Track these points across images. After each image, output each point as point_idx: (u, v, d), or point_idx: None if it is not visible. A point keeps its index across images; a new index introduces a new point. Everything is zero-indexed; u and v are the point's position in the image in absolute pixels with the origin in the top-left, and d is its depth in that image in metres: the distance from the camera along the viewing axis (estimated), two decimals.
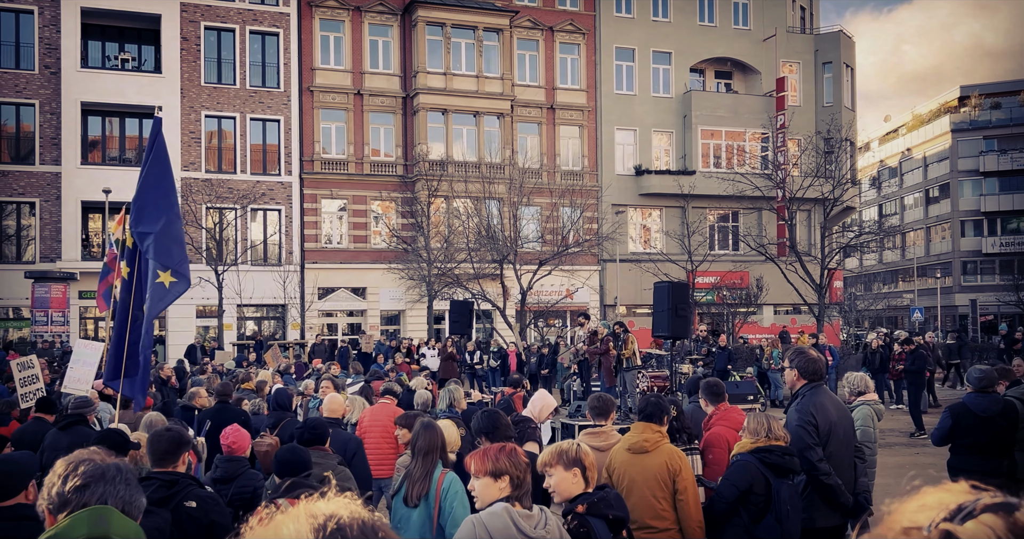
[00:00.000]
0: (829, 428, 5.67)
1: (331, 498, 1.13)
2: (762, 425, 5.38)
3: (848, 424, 5.95)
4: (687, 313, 15.00)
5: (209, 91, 32.18)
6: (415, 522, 4.95)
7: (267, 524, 1.10)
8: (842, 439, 5.77)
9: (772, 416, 5.48)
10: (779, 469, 5.20)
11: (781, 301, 35.27)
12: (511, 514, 3.59)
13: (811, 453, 5.55)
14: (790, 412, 5.87)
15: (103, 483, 2.49)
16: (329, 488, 1.26)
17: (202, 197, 30.71)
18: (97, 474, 2.54)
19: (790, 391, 6.11)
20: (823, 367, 5.94)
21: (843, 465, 5.75)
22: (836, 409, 5.85)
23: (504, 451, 3.79)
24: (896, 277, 66.08)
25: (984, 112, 59.36)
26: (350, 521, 1.07)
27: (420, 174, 33.11)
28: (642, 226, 38.38)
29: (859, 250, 31.53)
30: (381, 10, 34.26)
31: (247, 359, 22.09)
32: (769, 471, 5.20)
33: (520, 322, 28.36)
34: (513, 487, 3.70)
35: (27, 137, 30.58)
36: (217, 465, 6.02)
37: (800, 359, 5.89)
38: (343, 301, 33.73)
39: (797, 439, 5.62)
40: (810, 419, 5.61)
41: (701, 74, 40.26)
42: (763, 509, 5.18)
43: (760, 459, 5.25)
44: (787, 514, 5.11)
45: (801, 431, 5.60)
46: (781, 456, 5.23)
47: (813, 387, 5.80)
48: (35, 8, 30.37)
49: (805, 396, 5.77)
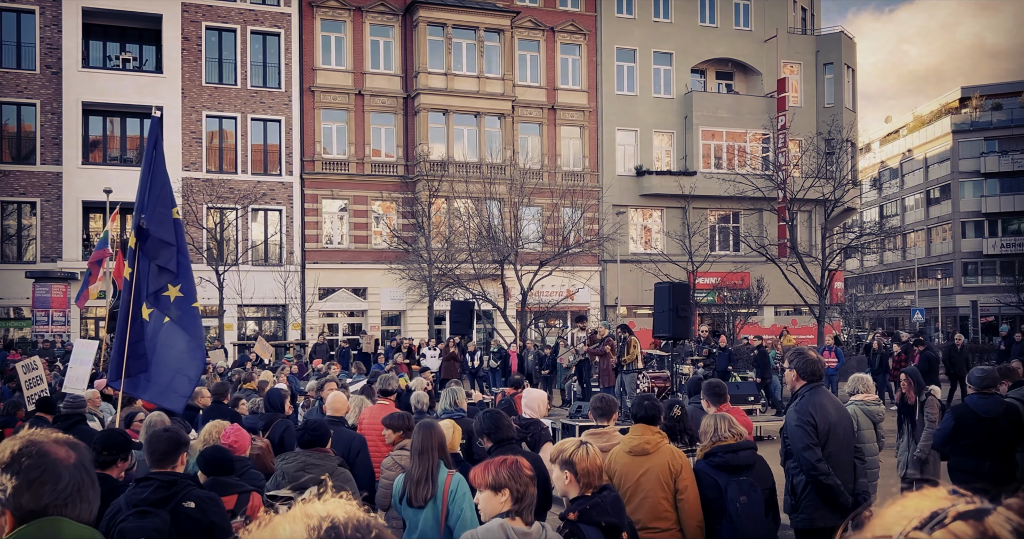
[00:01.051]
0: (828, 428, 5.67)
1: (327, 499, 1.14)
2: (709, 427, 5.41)
3: (848, 425, 5.96)
4: (688, 314, 15.01)
5: (210, 91, 32.19)
6: (422, 523, 4.93)
7: (264, 527, 1.12)
8: (841, 439, 5.78)
9: (724, 416, 5.49)
10: (728, 468, 5.23)
11: (782, 302, 35.27)
12: (506, 532, 3.55)
13: (810, 453, 5.56)
14: (789, 412, 5.89)
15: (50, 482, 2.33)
16: (326, 489, 1.26)
17: (203, 197, 30.72)
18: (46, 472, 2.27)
19: (790, 392, 6.12)
20: (822, 368, 5.96)
21: (842, 466, 5.76)
22: (835, 409, 5.86)
23: (505, 464, 3.71)
24: (897, 278, 66.07)
25: (985, 113, 59.38)
26: (345, 521, 1.08)
27: (421, 174, 33.12)
28: (643, 227, 38.38)
29: (860, 251, 31.51)
30: (382, 10, 34.28)
31: (249, 359, 22.06)
32: (719, 472, 5.23)
33: (521, 322, 28.36)
34: (514, 501, 3.62)
35: (28, 137, 30.60)
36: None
37: (799, 360, 5.91)
38: (344, 301, 33.74)
39: (796, 439, 5.63)
40: (809, 419, 5.62)
41: (702, 75, 40.27)
42: (720, 510, 5.20)
43: (708, 462, 5.31)
44: (738, 512, 5.11)
45: (800, 431, 5.62)
46: (723, 455, 5.25)
47: (812, 388, 5.81)
48: (36, 8, 30.39)
49: (804, 396, 5.79)
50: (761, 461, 5.42)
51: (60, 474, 2.29)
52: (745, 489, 5.15)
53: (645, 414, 5.49)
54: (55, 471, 2.29)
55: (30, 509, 2.24)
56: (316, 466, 5.55)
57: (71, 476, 2.30)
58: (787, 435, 5.85)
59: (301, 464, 5.59)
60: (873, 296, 50.54)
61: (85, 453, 2.40)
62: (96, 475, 2.41)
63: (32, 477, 2.26)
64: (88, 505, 2.34)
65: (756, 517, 5.12)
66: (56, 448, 2.33)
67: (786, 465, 5.91)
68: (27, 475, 2.26)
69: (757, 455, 5.41)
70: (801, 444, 5.59)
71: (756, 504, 5.14)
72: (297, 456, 5.72)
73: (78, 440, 2.47)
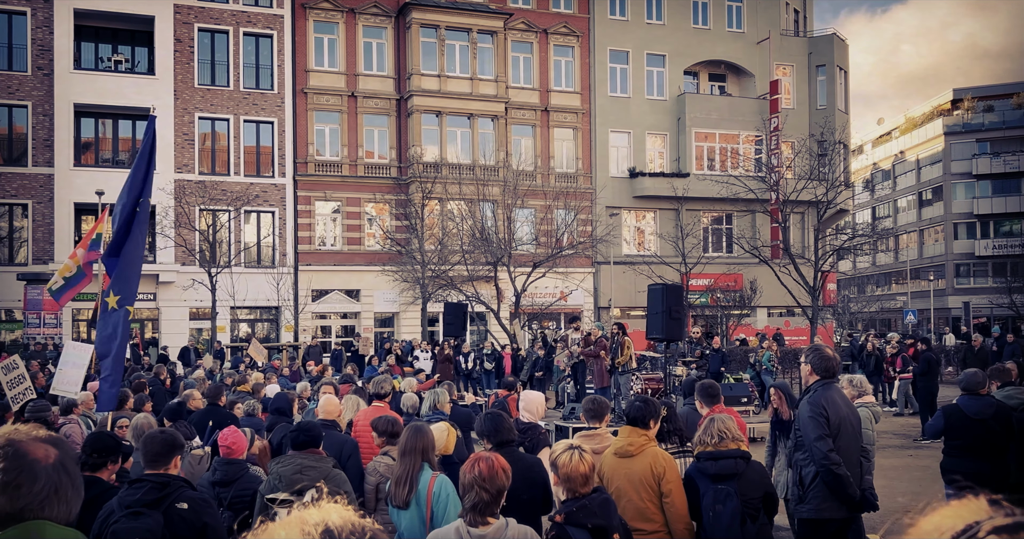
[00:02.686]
0: (839, 422, 5.80)
1: (321, 504, 1.14)
2: (706, 433, 5.41)
3: (856, 420, 6.07)
4: (681, 315, 15.01)
5: (203, 93, 32.13)
6: (405, 524, 4.98)
7: (262, 535, 1.13)
8: (851, 434, 5.91)
9: (714, 419, 5.47)
10: (708, 475, 5.23)
11: (775, 303, 35.33)
12: (461, 533, 3.73)
13: (822, 443, 5.68)
14: (802, 405, 6.00)
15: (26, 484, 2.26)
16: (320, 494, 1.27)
17: (195, 199, 30.65)
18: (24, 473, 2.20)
19: (803, 386, 6.23)
20: (837, 365, 6.07)
21: (851, 460, 5.86)
22: (846, 405, 6.01)
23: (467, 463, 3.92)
24: (889, 279, 66.26)
25: (977, 115, 59.59)
26: (340, 525, 1.08)
27: (414, 176, 33.10)
28: (636, 228, 38.42)
29: (852, 252, 31.57)
30: (375, 12, 34.26)
31: (243, 362, 22.02)
32: (703, 478, 5.24)
33: (514, 324, 28.35)
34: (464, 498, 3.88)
35: (20, 139, 30.50)
36: (216, 468, 5.99)
37: (815, 355, 6.07)
38: (337, 303, 33.70)
39: (809, 430, 5.75)
40: (822, 411, 5.75)
41: (695, 77, 40.34)
42: (699, 516, 5.24)
43: (696, 467, 5.35)
44: (710, 520, 5.12)
45: (812, 423, 5.74)
46: (704, 462, 5.27)
47: (825, 383, 5.95)
48: (28, 9, 30.30)
49: (817, 391, 5.91)
50: (753, 469, 5.35)
51: (37, 475, 2.22)
52: (721, 498, 5.13)
53: (633, 415, 5.50)
54: (32, 472, 2.22)
55: (6, 512, 2.18)
56: (312, 468, 5.53)
57: (48, 477, 2.23)
58: (799, 426, 5.95)
59: (297, 467, 5.57)
60: (866, 297, 50.73)
61: (68, 452, 2.34)
62: (79, 475, 2.35)
63: (7, 479, 2.19)
64: (67, 506, 2.28)
65: (727, 527, 5.08)
66: (35, 448, 2.26)
67: (794, 457, 6.03)
68: (3, 477, 2.19)
69: (748, 463, 5.31)
70: (814, 434, 5.71)
71: (728, 515, 5.10)
72: (292, 459, 5.70)
73: (61, 438, 2.43)
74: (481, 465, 3.86)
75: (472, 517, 3.79)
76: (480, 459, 3.91)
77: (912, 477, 12.03)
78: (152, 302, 30.85)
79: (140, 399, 9.80)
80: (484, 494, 3.78)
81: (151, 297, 30.69)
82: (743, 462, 5.29)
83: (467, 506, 3.81)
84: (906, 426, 17.67)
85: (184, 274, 30.02)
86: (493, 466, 3.87)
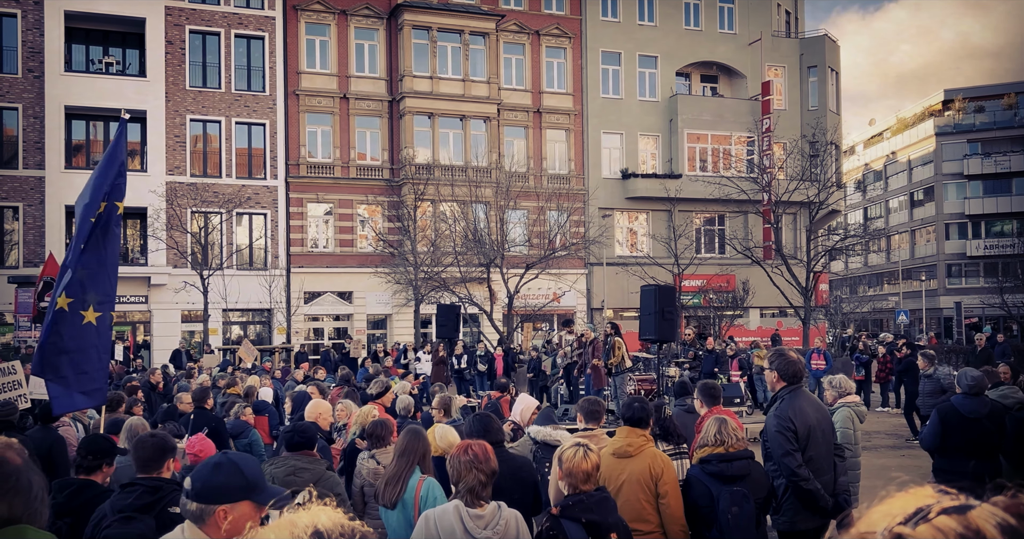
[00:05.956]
0: (808, 432, 5.67)
1: (311, 506, 1.14)
2: (709, 433, 5.39)
3: (828, 426, 5.96)
4: (674, 316, 15.04)
5: (194, 95, 32.06)
6: (392, 524, 5.01)
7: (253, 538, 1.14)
8: (821, 441, 5.78)
9: (725, 420, 5.47)
10: (722, 477, 5.20)
11: (767, 304, 35.40)
12: (460, 513, 3.78)
13: (790, 459, 5.56)
14: (768, 417, 5.88)
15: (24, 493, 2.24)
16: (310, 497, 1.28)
17: (187, 201, 30.57)
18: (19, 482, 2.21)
19: (770, 393, 6.14)
20: (802, 369, 5.93)
21: (823, 468, 5.77)
22: (815, 411, 5.86)
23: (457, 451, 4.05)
24: (881, 280, 66.46)
25: (968, 115, 59.81)
26: (330, 527, 1.09)
27: (406, 178, 33.08)
28: (629, 229, 38.46)
29: (844, 253, 31.71)
30: (367, 14, 34.24)
31: (232, 364, 21.96)
32: (713, 480, 5.21)
33: (507, 326, 28.36)
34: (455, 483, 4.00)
35: (10, 141, 30.39)
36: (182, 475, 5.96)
37: (779, 361, 5.88)
38: (329, 305, 33.65)
39: (776, 445, 5.63)
40: (788, 425, 5.61)
41: (687, 78, 40.42)
42: (711, 518, 5.18)
43: (702, 469, 5.29)
44: (728, 523, 5.09)
45: (780, 438, 5.61)
46: (717, 464, 5.23)
47: (792, 390, 5.81)
48: (18, 11, 30.20)
49: (784, 400, 5.78)
50: (757, 469, 5.38)
51: (31, 483, 2.25)
52: (737, 500, 5.12)
53: (631, 416, 5.50)
54: (27, 480, 2.24)
55: (3, 517, 2.20)
56: (305, 470, 5.53)
57: (37, 485, 2.26)
58: (767, 439, 5.83)
59: (291, 469, 5.57)
60: (858, 298, 50.86)
61: (28, 456, 2.35)
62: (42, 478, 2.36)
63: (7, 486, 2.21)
64: (46, 510, 2.33)
65: (746, 529, 5.08)
66: (12, 455, 2.27)
67: (766, 467, 5.88)
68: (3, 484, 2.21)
69: (753, 463, 5.35)
70: (781, 450, 5.58)
71: (747, 516, 5.10)
72: (286, 460, 5.70)
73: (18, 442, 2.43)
74: (474, 448, 3.99)
75: (469, 498, 3.88)
76: (470, 444, 4.06)
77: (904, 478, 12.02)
78: (144, 305, 30.76)
79: (131, 402, 9.78)
80: (481, 475, 3.90)
81: (143, 300, 30.61)
82: (752, 463, 5.32)
83: (463, 489, 3.90)
84: (898, 426, 17.72)
85: (176, 276, 29.94)
86: (485, 449, 4.03)
